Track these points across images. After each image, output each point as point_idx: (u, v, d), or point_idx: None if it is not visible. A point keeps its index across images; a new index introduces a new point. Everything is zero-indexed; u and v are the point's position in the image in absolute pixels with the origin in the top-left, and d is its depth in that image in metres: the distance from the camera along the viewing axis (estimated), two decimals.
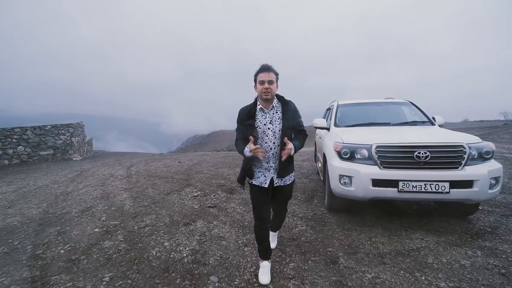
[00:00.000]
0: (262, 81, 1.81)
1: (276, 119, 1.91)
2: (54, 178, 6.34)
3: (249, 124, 1.89)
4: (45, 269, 2.32)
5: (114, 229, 3.13)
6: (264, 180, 1.96)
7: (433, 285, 1.88)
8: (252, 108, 1.93)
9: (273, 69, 1.85)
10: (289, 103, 1.96)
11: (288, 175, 2.00)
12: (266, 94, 1.83)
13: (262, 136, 1.91)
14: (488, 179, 2.53)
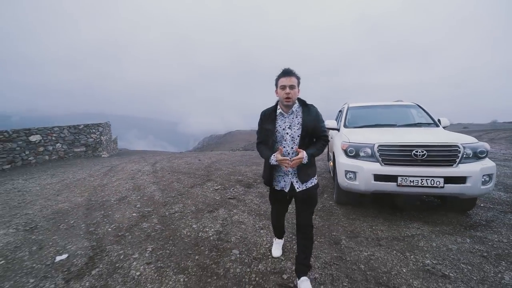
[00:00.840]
0: (284, 86, 1.80)
1: (295, 124, 1.88)
2: (89, 172, 7.13)
3: (269, 129, 1.91)
4: (99, 241, 2.91)
5: (149, 214, 3.71)
6: (285, 184, 1.98)
7: (419, 262, 2.26)
8: (273, 112, 1.94)
9: (295, 73, 1.83)
10: (311, 108, 1.91)
11: (309, 179, 1.95)
12: (288, 100, 1.81)
13: (280, 140, 1.92)
14: (480, 176, 2.84)
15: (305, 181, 1.92)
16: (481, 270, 2.13)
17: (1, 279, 2.23)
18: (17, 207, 4.30)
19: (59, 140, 9.06)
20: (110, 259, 2.49)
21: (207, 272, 2.22)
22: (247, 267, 2.26)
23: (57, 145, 8.98)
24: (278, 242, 2.48)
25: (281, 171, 1.97)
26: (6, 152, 7.59)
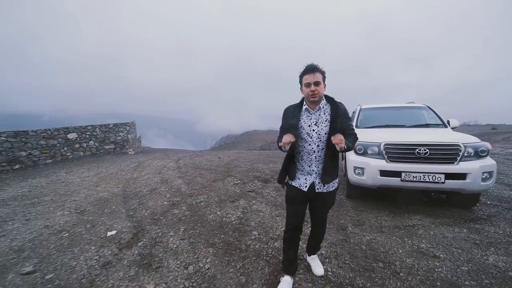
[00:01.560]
0: (308, 84, 1.74)
1: (322, 121, 1.82)
2: (120, 167, 7.89)
3: (293, 124, 1.84)
4: (139, 222, 3.49)
5: (178, 203, 4.26)
6: (304, 182, 1.89)
7: (415, 245, 2.61)
8: (298, 108, 1.89)
9: (319, 68, 1.76)
10: (340, 105, 1.84)
11: (331, 181, 1.88)
12: (314, 96, 1.75)
13: (305, 137, 1.84)
14: (480, 173, 3.12)
15: (328, 182, 1.85)
16: (470, 253, 2.44)
17: (70, 246, 2.83)
18: (65, 195, 5.02)
19: (92, 138, 9.98)
20: (150, 236, 3.04)
21: (231, 247, 2.70)
22: (265, 244, 2.72)
23: (90, 142, 9.90)
24: (287, 281, 1.99)
25: (305, 171, 1.89)
26: (49, 148, 8.54)
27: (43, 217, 3.81)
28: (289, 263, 2.03)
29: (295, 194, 1.92)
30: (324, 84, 1.80)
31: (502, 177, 5.51)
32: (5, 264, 2.52)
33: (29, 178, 6.87)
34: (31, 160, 8.09)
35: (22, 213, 4.06)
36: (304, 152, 1.87)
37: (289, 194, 1.98)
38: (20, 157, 7.81)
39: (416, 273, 2.16)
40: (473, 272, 2.15)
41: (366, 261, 2.36)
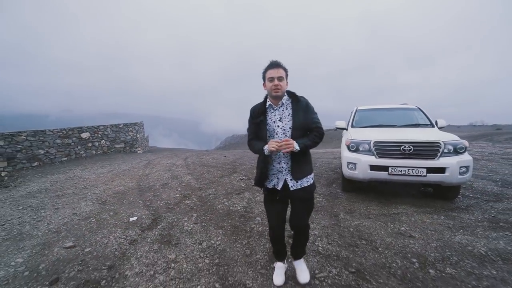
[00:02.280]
0: (272, 78, 1.78)
1: (285, 115, 1.85)
2: (131, 165, 8.43)
3: (261, 121, 1.87)
4: (156, 210, 3.98)
5: (189, 195, 4.75)
6: (277, 182, 1.91)
7: (396, 228, 3.05)
8: (262, 106, 1.91)
9: (282, 65, 1.81)
10: (301, 99, 1.88)
11: (304, 176, 1.89)
12: (276, 91, 1.79)
13: (272, 134, 1.88)
14: (457, 167, 3.54)
15: (300, 178, 1.87)
16: (441, 234, 2.88)
17: (99, 228, 3.34)
18: (85, 189, 5.56)
19: (104, 137, 10.56)
20: (167, 221, 3.53)
21: (238, 229, 3.18)
22: (267, 227, 3.18)
23: (102, 141, 10.49)
24: (280, 267, 2.17)
25: (274, 169, 1.92)
26: (64, 146, 9.13)
27: (70, 207, 4.33)
28: (278, 253, 2.15)
29: (272, 196, 1.96)
30: (287, 81, 1.86)
31: (492, 174, 5.88)
32: (48, 241, 3.03)
33: (48, 174, 7.44)
34: (48, 158, 8.68)
35: (50, 203, 4.59)
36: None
37: (266, 198, 2.02)
38: (38, 155, 8.41)
39: (393, 248, 2.61)
40: (439, 247, 2.59)
41: (352, 240, 2.81)
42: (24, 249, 2.85)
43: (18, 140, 7.95)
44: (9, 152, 7.72)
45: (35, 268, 2.44)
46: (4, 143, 7.61)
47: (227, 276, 2.24)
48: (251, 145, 1.96)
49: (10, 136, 7.79)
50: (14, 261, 2.59)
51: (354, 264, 2.35)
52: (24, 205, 4.56)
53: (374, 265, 2.33)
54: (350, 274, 2.20)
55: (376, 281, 2.09)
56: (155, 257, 2.59)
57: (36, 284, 2.19)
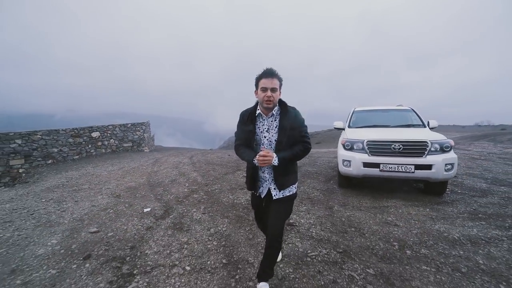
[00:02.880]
0: (265, 88, 1.73)
1: (273, 127, 1.83)
2: (140, 163, 8.88)
3: (250, 131, 1.85)
4: (166, 203, 4.39)
5: (196, 190, 5.16)
6: (262, 190, 1.96)
7: (383, 218, 3.42)
8: (252, 113, 1.87)
9: (277, 74, 1.75)
10: (290, 110, 1.83)
11: (287, 187, 1.89)
12: (268, 102, 1.74)
13: (258, 143, 1.87)
14: (443, 165, 3.89)
15: (283, 188, 1.88)
16: (423, 223, 3.24)
17: (117, 217, 3.76)
18: (99, 184, 6.00)
19: (112, 136, 11.05)
20: (178, 212, 3.94)
21: (241, 218, 3.58)
22: None
23: (111, 141, 10.97)
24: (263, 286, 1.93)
25: (260, 177, 1.94)
26: (76, 145, 9.62)
27: (88, 200, 4.77)
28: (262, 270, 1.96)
29: (256, 202, 2.08)
30: (280, 91, 1.80)
31: (485, 172, 6.18)
32: (75, 227, 3.46)
33: (62, 171, 7.93)
34: (61, 156, 9.17)
35: (70, 197, 5.04)
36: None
37: (252, 203, 2.17)
38: (52, 153, 8.90)
39: (378, 234, 2.98)
40: (419, 234, 2.95)
41: (342, 227, 3.19)
42: (55, 233, 3.28)
43: (34, 139, 8.45)
44: (26, 150, 8.22)
45: (69, 247, 2.86)
46: (21, 141, 8.12)
47: (232, 254, 2.64)
48: (239, 151, 1.92)
49: (27, 135, 8.29)
50: (50, 242, 3.02)
51: (342, 246, 2.73)
52: (46, 198, 5.01)
53: (359, 247, 2.70)
54: (337, 253, 2.58)
55: (359, 259, 2.47)
56: (170, 240, 3.00)
57: (72, 259, 2.62)
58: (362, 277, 2.19)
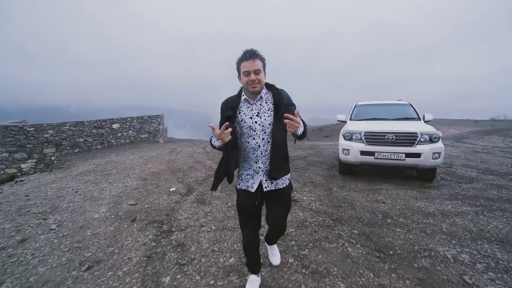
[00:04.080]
0: (247, 72, 1.60)
1: (265, 110, 1.69)
2: (157, 152, 9.72)
3: (228, 116, 1.67)
4: (188, 184, 5.15)
5: (212, 174, 5.87)
6: (252, 183, 1.76)
7: (374, 198, 4.06)
8: (236, 99, 1.73)
9: (259, 54, 1.62)
10: (282, 92, 1.72)
11: (281, 176, 1.75)
12: (254, 86, 1.62)
13: (248, 131, 1.70)
14: (431, 153, 4.47)
15: (277, 178, 1.73)
16: (407, 201, 3.87)
17: (148, 195, 4.55)
18: (125, 170, 6.83)
19: (131, 128, 11.94)
20: (199, 191, 4.69)
21: None
22: None
23: (129, 132, 11.87)
24: (253, 281, 2.02)
25: (250, 169, 1.76)
26: (99, 136, 10.55)
27: (120, 182, 5.58)
28: (252, 265, 2.00)
29: (245, 199, 1.79)
30: (265, 72, 1.67)
31: (481, 164, 6.66)
32: (116, 201, 4.25)
33: (89, 159, 8.85)
34: (86, 145, 10.11)
35: (103, 179, 5.87)
36: (249, 149, 1.72)
37: (238, 201, 1.84)
38: (78, 142, 9.85)
39: (366, 208, 3.64)
40: (401, 208, 3.59)
41: (338, 203, 3.86)
42: (102, 204, 4.08)
43: (63, 130, 9.38)
44: (57, 140, 9.17)
45: (116, 214, 3.65)
46: (53, 132, 9.06)
47: None
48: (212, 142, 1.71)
49: (57, 126, 9.23)
50: (100, 210, 3.82)
51: (335, 215, 3.41)
52: (84, 180, 5.86)
53: (349, 216, 3.37)
54: (331, 220, 3.26)
55: (348, 224, 3.14)
56: (195, 210, 3.74)
57: (122, 221, 3.40)
58: (348, 235, 2.87)
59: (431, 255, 2.43)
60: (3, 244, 2.84)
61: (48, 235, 3.03)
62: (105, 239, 2.91)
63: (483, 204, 3.70)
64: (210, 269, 2.30)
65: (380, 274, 2.17)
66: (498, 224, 3.04)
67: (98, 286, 2.10)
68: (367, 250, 2.56)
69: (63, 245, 2.79)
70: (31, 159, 8.58)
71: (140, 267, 2.35)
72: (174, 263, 2.41)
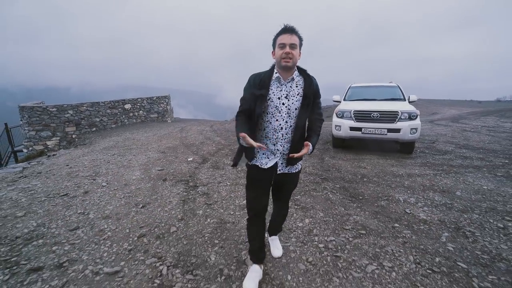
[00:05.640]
0: (283, 44, 1.56)
1: (294, 94, 1.66)
2: (168, 130, 10.65)
3: (261, 95, 1.63)
4: (203, 155, 6.12)
5: (222, 148, 6.86)
6: (266, 162, 1.75)
7: (358, 165, 5.01)
8: (267, 77, 1.67)
9: (297, 31, 1.59)
10: (313, 79, 1.70)
11: (297, 162, 1.80)
12: (287, 60, 1.57)
13: (273, 111, 1.67)
14: (409, 129, 5.35)
15: (292, 164, 1.79)
16: (384, 167, 4.81)
17: (170, 163, 5.52)
18: (143, 145, 7.80)
19: (141, 108, 12.83)
20: (213, 160, 5.66)
21: None
22: None
23: (140, 112, 12.77)
24: (255, 271, 1.94)
25: (267, 151, 1.76)
26: (113, 115, 11.47)
27: (142, 154, 6.55)
28: (255, 253, 1.97)
29: (257, 175, 1.79)
30: (300, 51, 1.65)
31: (463, 141, 7.54)
32: (145, 168, 5.23)
33: (106, 137, 9.82)
34: (102, 125, 11.07)
35: (127, 152, 6.85)
36: (269, 129, 1.72)
37: (250, 177, 1.85)
38: (95, 122, 10.80)
39: (349, 172, 4.59)
40: (377, 172, 4.54)
41: (327, 168, 4.82)
42: (134, 170, 5.07)
43: (81, 110, 10.31)
44: (76, 120, 10.11)
45: (149, 176, 4.64)
46: (72, 112, 9.99)
47: None
48: (237, 120, 1.71)
49: (76, 106, 10.14)
50: (135, 174, 4.80)
51: (324, 176, 4.37)
52: (110, 153, 6.84)
53: (335, 177, 4.34)
54: (319, 179, 4.23)
55: (332, 182, 4.11)
56: (212, 173, 4.72)
57: (155, 180, 4.38)
58: (331, 187, 3.84)
59: (388, 199, 3.40)
60: (73, 194, 3.84)
61: (103, 189, 4.03)
62: (147, 191, 3.91)
63: (444, 169, 4.64)
64: (230, 206, 3.29)
65: (349, 208, 3.15)
66: (447, 181, 3.99)
67: (154, 216, 3.10)
68: (343, 196, 3.53)
69: (118, 195, 3.78)
70: (55, 137, 9.57)
71: (179, 206, 3.35)
72: (203, 203, 3.40)
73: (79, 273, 2.09)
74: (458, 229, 2.62)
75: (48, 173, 5.07)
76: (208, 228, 2.76)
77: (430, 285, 1.88)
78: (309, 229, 2.68)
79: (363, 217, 2.92)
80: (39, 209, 3.33)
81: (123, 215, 3.13)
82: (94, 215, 3.13)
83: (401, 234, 2.56)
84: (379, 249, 2.31)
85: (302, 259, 2.20)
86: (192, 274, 2.05)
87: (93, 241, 2.56)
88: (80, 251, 2.39)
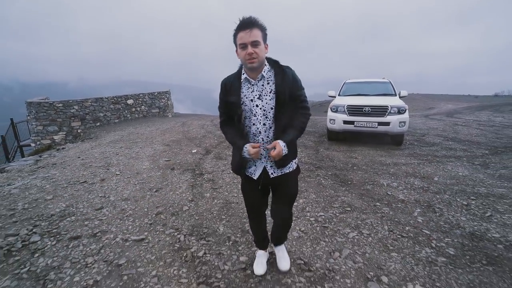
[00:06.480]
0: (244, 45, 1.42)
1: (267, 92, 1.54)
2: (170, 125, 11.06)
3: (233, 103, 1.57)
4: (206, 148, 6.56)
5: (223, 141, 7.28)
6: (254, 170, 1.69)
7: (350, 155, 5.47)
8: (236, 79, 1.58)
9: (256, 22, 1.41)
10: (286, 70, 1.55)
11: (288, 163, 1.66)
12: (251, 61, 1.44)
13: (249, 115, 1.58)
14: (398, 122, 5.80)
15: (283, 166, 1.64)
16: (373, 157, 5.27)
17: (176, 155, 5.96)
18: (147, 139, 8.22)
19: (143, 104, 13.22)
20: (215, 151, 6.10)
21: None
22: None
23: (142, 107, 13.16)
24: (261, 255, 2.08)
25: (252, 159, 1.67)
26: (116, 111, 11.87)
27: (148, 147, 6.99)
28: (260, 242, 2.08)
29: (249, 185, 1.78)
30: (266, 44, 1.49)
31: (452, 134, 8.00)
32: (153, 159, 5.67)
33: (111, 131, 10.23)
34: (106, 120, 11.47)
35: (133, 145, 7.28)
36: (250, 134, 1.64)
37: (243, 187, 1.87)
38: (99, 117, 11.20)
39: (341, 161, 5.05)
40: (367, 161, 5.00)
41: (321, 158, 5.28)
42: (143, 161, 5.51)
43: (86, 105, 10.70)
44: (81, 115, 10.51)
45: (158, 165, 5.08)
46: (77, 107, 10.38)
47: None
48: (225, 132, 1.71)
49: (81, 102, 10.53)
50: (144, 164, 5.24)
51: (317, 165, 4.83)
52: (117, 146, 7.27)
53: (328, 165, 4.80)
54: (313, 167, 4.69)
55: (325, 170, 4.56)
56: (216, 163, 5.17)
57: (165, 169, 4.82)
58: (324, 174, 4.30)
59: (374, 184, 3.87)
60: (92, 181, 4.29)
61: (117, 177, 4.47)
62: (158, 178, 4.36)
63: (428, 159, 5.11)
64: (233, 190, 3.75)
65: (338, 191, 3.62)
66: (428, 169, 4.46)
67: (167, 198, 3.55)
68: (334, 181, 4.00)
69: (132, 182, 4.23)
70: (61, 132, 9.98)
71: (188, 190, 3.80)
72: (210, 188, 3.86)
73: (111, 240, 2.55)
74: (429, 207, 3.09)
75: (63, 164, 5.51)
76: (216, 207, 3.22)
77: (398, 245, 2.35)
78: (303, 207, 3.15)
79: (349, 198, 3.39)
80: (64, 193, 3.78)
81: (139, 197, 3.58)
82: (114, 198, 3.59)
83: (381, 210, 3.03)
84: (360, 221, 2.78)
85: (296, 229, 2.66)
86: (205, 240, 2.52)
87: (118, 217, 3.02)
88: (109, 225, 2.85)
